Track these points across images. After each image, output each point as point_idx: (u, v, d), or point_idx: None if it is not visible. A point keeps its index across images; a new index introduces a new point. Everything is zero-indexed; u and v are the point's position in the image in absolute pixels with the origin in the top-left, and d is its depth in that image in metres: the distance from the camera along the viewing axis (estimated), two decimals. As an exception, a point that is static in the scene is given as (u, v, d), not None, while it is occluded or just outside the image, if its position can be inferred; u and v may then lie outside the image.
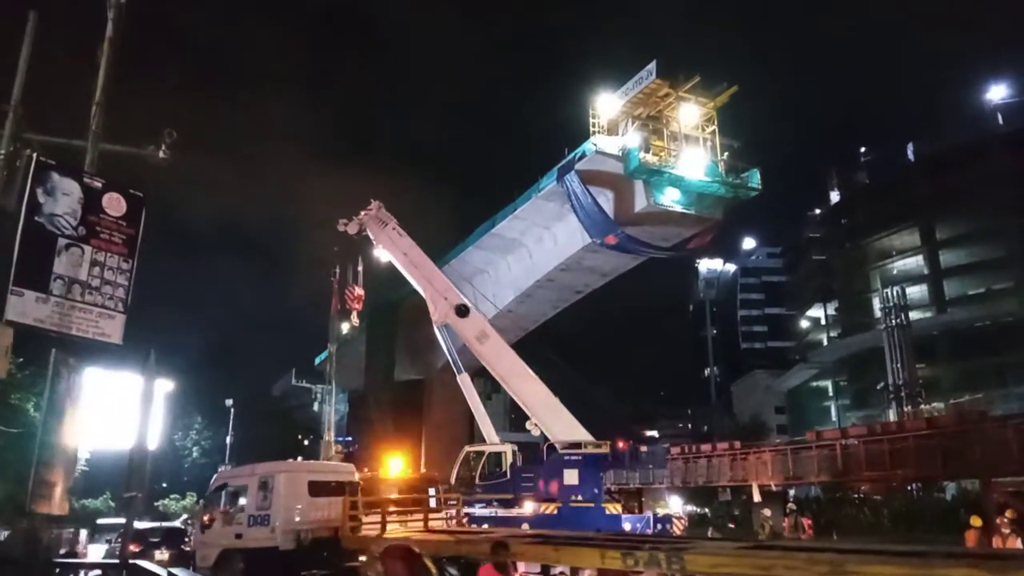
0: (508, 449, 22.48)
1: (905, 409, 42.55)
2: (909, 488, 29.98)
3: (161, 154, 10.87)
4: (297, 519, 14.48)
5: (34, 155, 9.54)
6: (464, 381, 24.65)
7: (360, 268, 29.33)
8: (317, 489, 14.94)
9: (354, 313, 29.66)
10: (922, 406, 43.10)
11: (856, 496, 31.54)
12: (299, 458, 30.80)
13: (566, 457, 20.57)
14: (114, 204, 10.20)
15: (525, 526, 18.77)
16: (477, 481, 22.05)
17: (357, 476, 16.75)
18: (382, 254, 27.42)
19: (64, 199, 9.74)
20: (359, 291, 29.17)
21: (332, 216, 28.57)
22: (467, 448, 23.93)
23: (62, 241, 9.69)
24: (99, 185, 10.20)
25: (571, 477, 20.21)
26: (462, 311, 24.35)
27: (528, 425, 23.04)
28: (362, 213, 27.46)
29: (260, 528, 14.39)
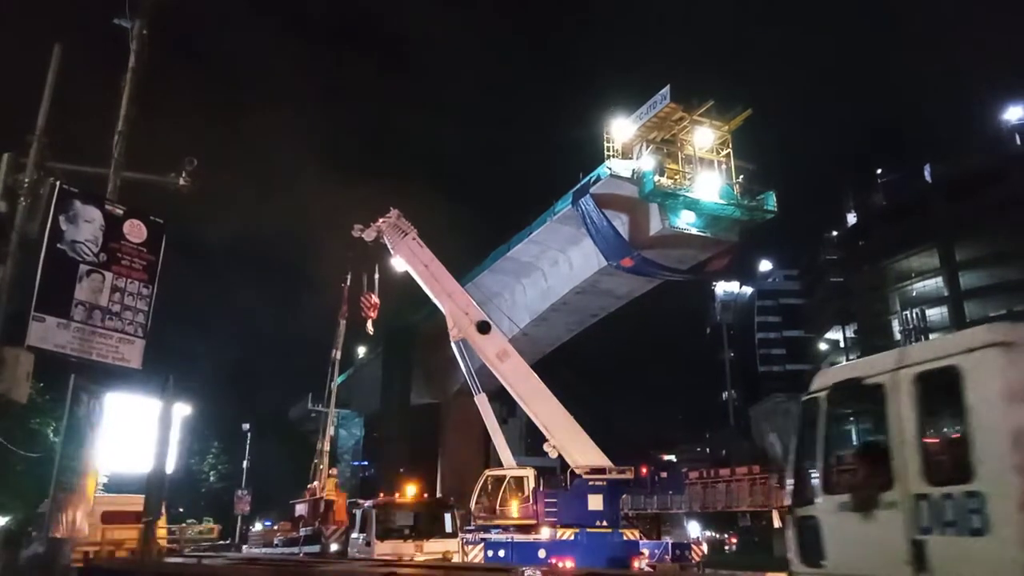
0: (530, 473, 22.15)
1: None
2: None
3: (182, 181, 11.02)
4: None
5: (57, 183, 9.70)
6: (482, 402, 24.30)
7: (377, 276, 28.60)
8: (110, 518, 17.19)
9: (369, 322, 29.09)
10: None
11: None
12: (315, 483, 30.56)
13: (590, 483, 20.32)
14: (135, 231, 10.35)
15: (542, 552, 18.59)
16: (498, 506, 21.75)
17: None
18: (399, 264, 26.61)
19: (86, 226, 9.90)
20: (375, 299, 28.55)
21: (347, 239, 28.14)
22: (487, 472, 23.61)
23: (83, 267, 9.83)
24: (120, 212, 10.36)
25: (595, 503, 19.93)
26: (483, 328, 23.98)
27: (546, 447, 22.72)
28: (380, 220, 26.68)
29: None
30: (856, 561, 5.40)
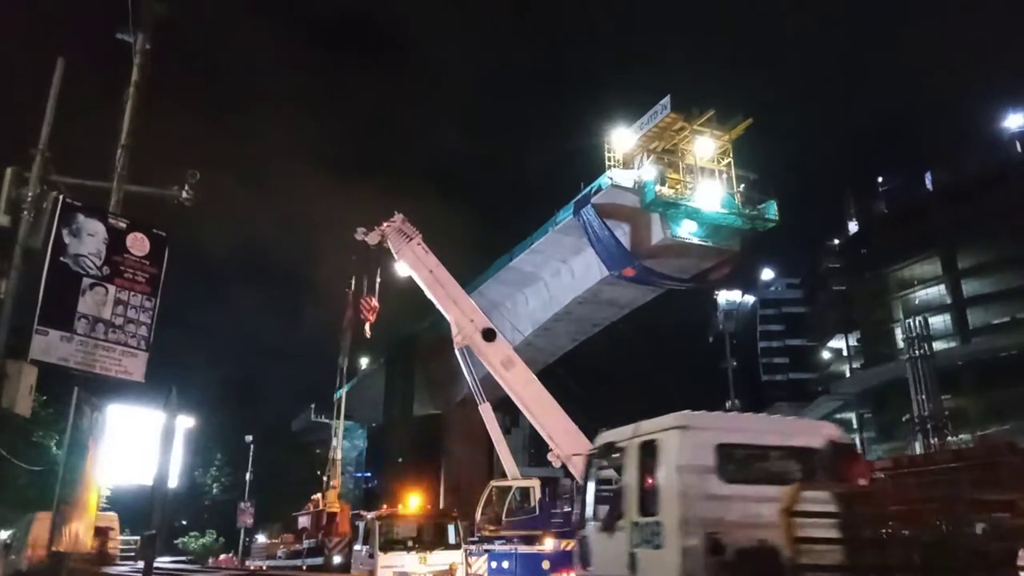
0: (536, 484, 22.05)
1: (932, 441, 41.77)
2: (938, 522, 29.29)
3: (184, 194, 11.06)
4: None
5: (60, 197, 9.75)
6: (486, 411, 24.06)
7: (379, 280, 28.44)
8: None
9: (367, 325, 28.95)
10: (949, 438, 42.28)
11: (883, 531, 30.79)
12: (318, 495, 30.52)
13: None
14: (138, 244, 10.39)
15: (546, 563, 18.51)
16: (504, 517, 21.59)
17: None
18: (402, 268, 26.29)
19: (89, 239, 9.94)
20: (375, 302, 28.41)
21: (349, 245, 28.02)
22: (493, 483, 23.46)
23: (87, 280, 9.87)
24: (123, 225, 10.40)
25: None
26: (488, 335, 23.73)
27: (550, 456, 22.59)
28: (384, 224, 26.32)
29: None
30: (606, 566, 7.72)
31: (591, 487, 8.36)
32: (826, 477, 6.97)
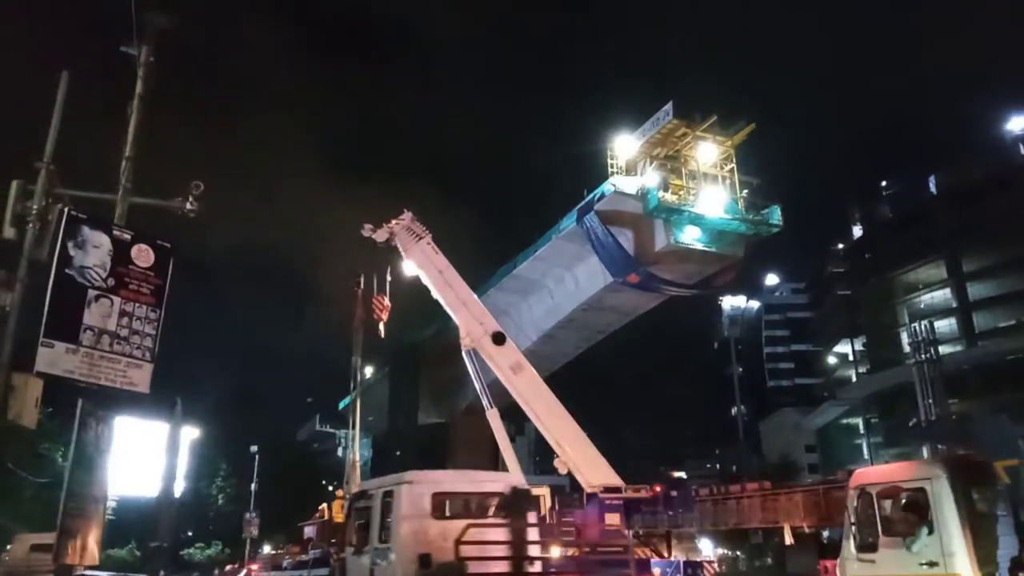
0: (546, 492, 21.80)
1: (939, 445, 41.59)
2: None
3: (188, 206, 11.07)
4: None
5: (65, 209, 9.77)
6: (493, 417, 23.74)
7: (389, 278, 28.07)
8: (39, 549, 19.49)
9: (381, 324, 28.66)
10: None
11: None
12: (323, 505, 30.45)
13: (607, 501, 20.08)
14: (143, 255, 10.40)
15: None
16: None
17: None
18: (409, 268, 25.84)
19: (94, 251, 9.95)
20: (387, 301, 28.11)
21: (354, 248, 27.90)
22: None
23: (92, 292, 9.88)
24: (128, 237, 10.41)
25: (612, 521, 19.73)
26: (498, 339, 23.35)
27: (556, 464, 22.35)
28: (392, 221, 25.94)
29: None
30: None
31: (350, 522, 10.85)
32: (508, 515, 9.65)
